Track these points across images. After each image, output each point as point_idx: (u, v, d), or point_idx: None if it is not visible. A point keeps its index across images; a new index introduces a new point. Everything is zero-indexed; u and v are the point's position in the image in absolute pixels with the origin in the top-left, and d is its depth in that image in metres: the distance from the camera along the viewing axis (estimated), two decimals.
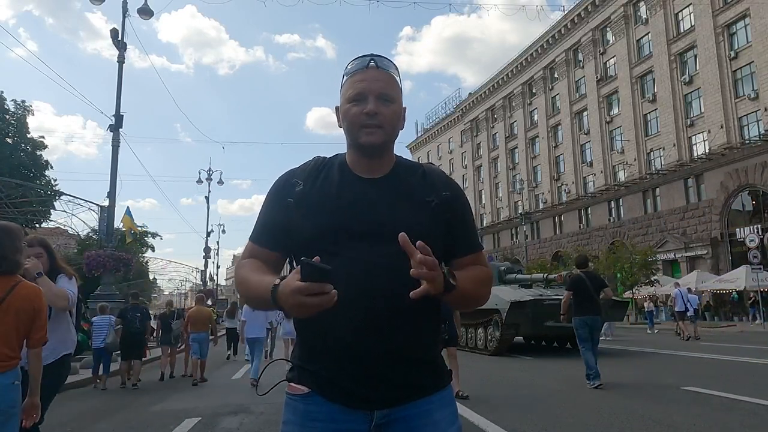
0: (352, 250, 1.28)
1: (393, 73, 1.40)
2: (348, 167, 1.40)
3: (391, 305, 1.26)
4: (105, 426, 6.37)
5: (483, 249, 1.50)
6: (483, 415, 5.82)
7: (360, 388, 1.28)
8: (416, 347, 1.32)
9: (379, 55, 1.39)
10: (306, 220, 1.33)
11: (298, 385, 1.34)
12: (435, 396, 1.35)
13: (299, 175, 1.41)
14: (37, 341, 2.64)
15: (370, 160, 1.39)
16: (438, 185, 1.40)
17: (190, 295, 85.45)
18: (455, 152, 63.77)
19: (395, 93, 1.38)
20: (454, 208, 1.39)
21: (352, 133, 1.37)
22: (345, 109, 1.37)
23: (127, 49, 16.72)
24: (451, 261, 1.43)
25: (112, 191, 16.36)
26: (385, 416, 1.30)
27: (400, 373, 1.30)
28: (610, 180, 40.03)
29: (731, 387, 7.22)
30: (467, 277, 1.35)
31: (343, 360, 1.27)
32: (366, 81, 1.35)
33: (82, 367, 11.08)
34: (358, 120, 1.34)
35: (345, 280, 1.24)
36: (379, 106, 1.34)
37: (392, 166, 1.42)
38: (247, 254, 1.43)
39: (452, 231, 1.39)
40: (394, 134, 1.40)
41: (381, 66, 1.38)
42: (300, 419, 1.32)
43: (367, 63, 1.37)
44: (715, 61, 31.85)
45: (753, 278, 22.67)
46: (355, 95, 1.35)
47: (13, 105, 34.57)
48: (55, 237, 62.06)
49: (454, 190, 1.43)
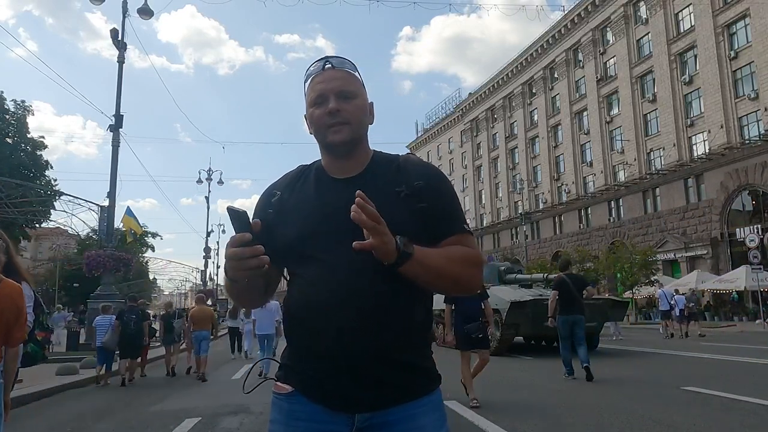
0: (329, 253, 1.27)
1: (350, 69, 1.41)
2: (324, 170, 1.42)
3: (365, 305, 1.24)
4: (105, 426, 6.37)
5: (470, 233, 1.39)
6: (483, 415, 5.82)
7: (341, 389, 1.26)
8: (400, 349, 1.29)
9: (334, 56, 1.42)
10: (284, 228, 1.34)
11: (284, 384, 1.34)
12: (421, 400, 1.31)
13: (278, 185, 1.44)
14: (18, 340, 2.62)
15: (342, 159, 1.39)
16: (411, 175, 1.37)
17: (190, 295, 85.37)
18: (455, 152, 63.75)
19: (355, 88, 1.39)
20: (429, 196, 1.34)
21: (319, 135, 1.38)
22: (310, 114, 1.40)
23: (127, 49, 16.73)
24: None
25: (112, 191, 16.37)
26: (366, 420, 1.28)
27: (382, 376, 1.27)
28: (610, 180, 40.04)
29: (731, 387, 7.21)
30: (437, 252, 1.28)
31: (326, 361, 1.26)
32: (324, 82, 1.37)
33: (83, 367, 11.10)
34: (322, 121, 1.36)
35: (326, 282, 1.26)
36: (341, 104, 1.35)
37: (367, 163, 1.41)
38: None
39: (430, 218, 1.33)
40: (361, 129, 1.40)
41: (337, 65, 1.40)
42: (285, 418, 1.32)
43: (323, 65, 1.40)
44: (715, 61, 31.85)
45: (753, 278, 22.67)
46: (315, 98, 1.38)
47: (13, 105, 34.58)
48: (55, 237, 61.91)
49: (429, 178, 1.38)
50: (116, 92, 16.38)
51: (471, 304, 6.75)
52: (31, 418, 7.00)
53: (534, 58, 49.18)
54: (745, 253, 26.35)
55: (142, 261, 49.67)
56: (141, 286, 45.21)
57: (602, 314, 13.56)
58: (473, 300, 6.71)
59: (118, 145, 16.37)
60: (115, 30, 16.24)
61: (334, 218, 1.29)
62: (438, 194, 1.37)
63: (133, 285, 37.47)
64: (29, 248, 65.66)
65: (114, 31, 16.23)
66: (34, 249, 74.91)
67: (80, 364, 11.23)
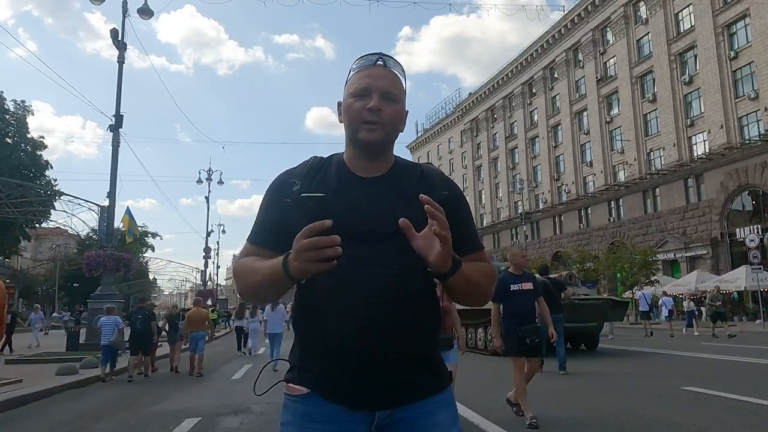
0: (350, 250, 1.25)
1: (399, 74, 1.40)
2: (346, 166, 1.39)
3: (391, 304, 1.25)
4: (105, 426, 6.37)
5: (484, 249, 1.49)
6: (483, 415, 5.82)
7: (361, 388, 1.26)
8: (417, 346, 1.31)
9: (388, 55, 1.40)
10: (304, 221, 1.32)
11: (297, 385, 1.32)
12: (436, 397, 1.34)
13: (297, 175, 1.39)
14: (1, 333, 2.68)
15: (368, 158, 1.38)
16: (436, 185, 1.40)
17: (190, 295, 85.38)
18: (455, 152, 63.76)
19: (399, 93, 1.38)
20: (454, 208, 1.36)
21: (352, 127, 1.35)
22: (348, 104, 1.36)
23: (126, 49, 16.72)
24: None
25: (112, 191, 16.37)
26: (387, 417, 1.29)
27: (402, 374, 1.28)
28: (610, 180, 40.03)
29: (731, 387, 7.21)
30: (470, 265, 1.34)
31: (343, 360, 1.26)
32: (372, 77, 1.35)
33: (83, 366, 11.10)
34: (359, 115, 1.34)
35: (344, 279, 1.24)
36: (383, 104, 1.33)
37: (391, 166, 1.41)
38: (240, 256, 1.42)
39: (452, 231, 1.33)
40: (394, 134, 1.39)
41: (389, 65, 1.38)
42: (299, 420, 1.30)
43: (375, 61, 1.37)
44: (715, 61, 31.85)
45: (753, 278, 22.67)
46: (359, 90, 1.35)
47: (13, 105, 34.59)
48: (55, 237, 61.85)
49: (453, 190, 1.42)
50: (116, 92, 16.38)
51: (524, 302, 5.71)
52: (31, 418, 6.99)
53: (534, 58, 49.18)
54: (745, 253, 26.34)
55: (142, 261, 49.65)
56: (141, 286, 45.17)
57: (602, 314, 13.55)
58: (527, 297, 5.73)
59: (118, 145, 16.37)
60: (115, 30, 16.24)
61: (356, 216, 1.28)
62: (460, 207, 1.42)
63: (133, 285, 37.48)
64: (29, 248, 65.60)
65: (114, 31, 16.23)
66: (34, 249, 74.87)
67: (80, 364, 11.23)
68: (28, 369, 11.36)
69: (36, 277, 59.57)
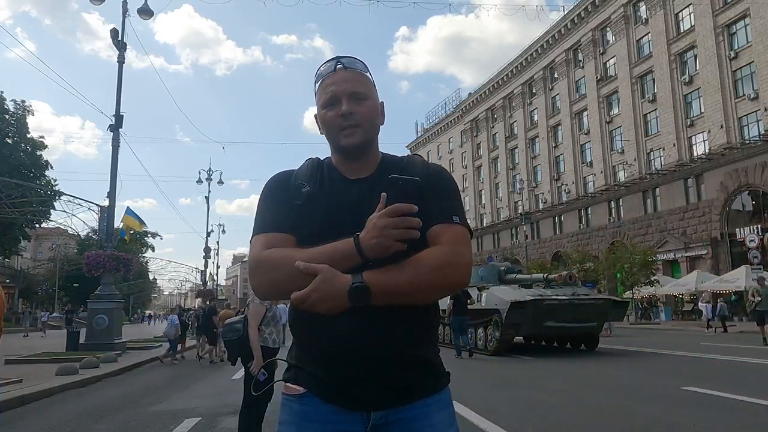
0: None
1: (361, 70, 1.41)
2: (335, 169, 1.41)
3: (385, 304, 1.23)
4: (105, 426, 6.36)
5: (458, 223, 1.32)
6: (483, 416, 5.81)
7: (357, 389, 1.26)
8: (414, 347, 1.31)
9: (345, 56, 1.41)
10: (310, 222, 1.32)
11: (294, 385, 1.33)
12: (433, 398, 1.34)
13: (302, 176, 1.40)
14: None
15: (353, 161, 1.39)
16: (416, 173, 1.36)
17: (190, 295, 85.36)
18: (455, 152, 63.77)
19: (367, 90, 1.39)
20: (427, 191, 1.30)
21: (332, 137, 1.38)
22: (321, 115, 1.39)
23: (126, 49, 16.72)
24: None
25: (112, 191, 16.37)
26: (382, 417, 1.29)
27: (398, 374, 1.28)
28: (610, 180, 40.03)
29: (731, 387, 7.21)
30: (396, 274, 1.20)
31: (339, 360, 1.26)
32: (336, 84, 1.36)
33: (83, 366, 11.11)
34: (335, 123, 1.35)
35: None
36: (353, 106, 1.34)
37: (377, 165, 1.41)
38: (262, 247, 1.30)
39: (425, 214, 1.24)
40: (373, 131, 1.40)
41: (348, 66, 1.39)
42: (296, 420, 1.31)
43: (335, 66, 1.39)
44: (715, 61, 31.84)
45: (753, 278, 22.65)
46: (328, 100, 1.36)
47: (12, 105, 34.56)
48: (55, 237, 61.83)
49: (429, 175, 1.38)
50: (116, 92, 16.38)
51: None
52: (31, 418, 6.99)
53: (534, 58, 49.18)
54: (745, 253, 26.35)
55: (142, 261, 49.66)
56: (141, 286, 45.17)
57: (602, 314, 13.57)
58: None
59: (118, 145, 16.37)
60: (115, 30, 16.24)
61: (348, 218, 1.29)
62: (434, 186, 1.35)
63: (133, 285, 37.45)
64: (29, 248, 65.59)
65: (114, 31, 16.23)
66: (34, 249, 74.91)
67: (80, 364, 11.24)
68: (28, 369, 11.36)
69: (36, 277, 59.55)
